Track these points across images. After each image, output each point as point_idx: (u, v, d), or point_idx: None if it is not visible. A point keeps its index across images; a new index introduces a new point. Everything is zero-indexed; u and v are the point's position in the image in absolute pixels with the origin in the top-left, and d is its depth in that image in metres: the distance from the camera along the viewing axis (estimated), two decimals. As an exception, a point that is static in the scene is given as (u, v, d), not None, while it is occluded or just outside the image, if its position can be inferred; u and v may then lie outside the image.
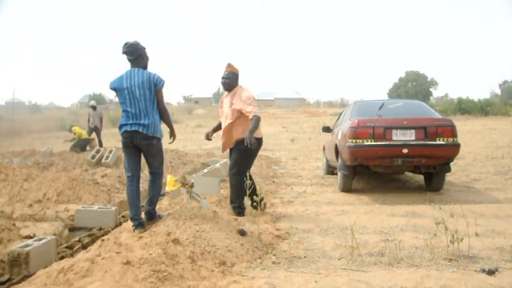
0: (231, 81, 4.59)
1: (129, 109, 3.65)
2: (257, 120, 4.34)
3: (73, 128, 12.30)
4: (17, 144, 14.41)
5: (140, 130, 3.60)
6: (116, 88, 3.71)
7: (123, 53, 3.72)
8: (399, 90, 52.93)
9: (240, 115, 4.48)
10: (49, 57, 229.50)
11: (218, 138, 4.73)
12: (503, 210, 4.75)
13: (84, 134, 12.15)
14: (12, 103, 42.70)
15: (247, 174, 4.22)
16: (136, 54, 3.71)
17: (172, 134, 4.02)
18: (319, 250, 3.47)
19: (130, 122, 3.64)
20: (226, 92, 4.69)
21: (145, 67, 3.79)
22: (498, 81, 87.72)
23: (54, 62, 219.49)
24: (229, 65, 4.65)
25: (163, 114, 3.79)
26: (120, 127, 3.71)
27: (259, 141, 4.55)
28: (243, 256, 3.18)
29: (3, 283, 3.06)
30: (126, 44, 3.71)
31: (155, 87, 3.66)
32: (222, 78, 4.62)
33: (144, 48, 3.81)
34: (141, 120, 3.61)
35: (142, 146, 3.68)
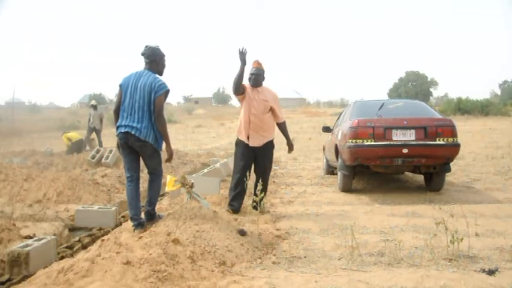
0: (259, 77, 4.71)
1: (126, 108, 3.65)
2: (286, 125, 4.99)
3: (62, 137, 12.08)
4: (17, 144, 14.39)
5: (132, 132, 3.58)
6: (122, 85, 3.73)
7: (141, 54, 3.78)
8: (399, 90, 52.88)
9: (268, 112, 4.72)
10: (49, 57, 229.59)
11: (218, 138, 4.71)
12: (503, 210, 4.75)
13: (75, 136, 12.01)
14: (12, 103, 42.62)
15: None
16: (151, 58, 3.75)
17: (167, 150, 3.78)
18: (319, 250, 3.47)
19: (124, 123, 3.63)
20: (248, 86, 4.72)
21: (158, 73, 3.79)
22: (498, 81, 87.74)
23: (54, 61, 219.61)
24: (258, 62, 4.74)
25: (157, 123, 3.62)
26: (117, 128, 3.71)
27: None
28: (243, 256, 3.18)
29: (3, 283, 3.05)
30: (146, 46, 3.77)
31: (155, 94, 3.60)
32: (252, 73, 4.67)
33: (163, 55, 3.83)
34: (134, 123, 3.58)
35: (136, 147, 3.66)
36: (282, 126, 4.92)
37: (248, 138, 4.68)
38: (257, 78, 4.68)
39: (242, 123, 4.73)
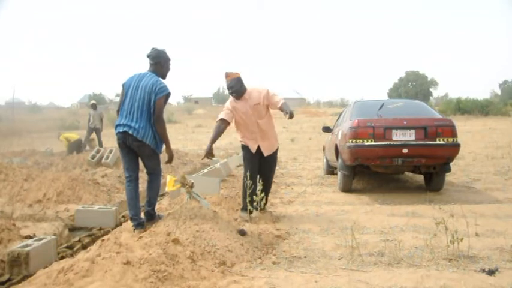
0: (237, 88, 4.43)
1: (125, 107, 3.66)
2: (287, 104, 4.47)
3: (60, 138, 12.13)
4: (17, 144, 14.39)
5: (130, 132, 3.58)
6: (124, 84, 3.74)
7: (147, 55, 3.79)
8: (399, 90, 52.86)
9: (267, 112, 4.54)
10: (49, 57, 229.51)
11: (219, 138, 4.68)
12: (503, 210, 4.75)
13: (73, 137, 12.03)
14: (12, 103, 42.70)
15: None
16: (155, 60, 3.77)
17: (167, 152, 3.78)
18: (319, 250, 3.47)
19: (122, 122, 3.63)
20: (233, 99, 4.52)
21: (162, 76, 3.79)
22: (498, 81, 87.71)
23: (55, 61, 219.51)
24: (228, 75, 4.47)
25: (156, 125, 3.62)
26: (115, 127, 3.71)
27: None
28: (243, 256, 3.18)
29: (3, 283, 3.05)
30: (153, 48, 3.79)
31: (155, 96, 3.60)
32: (228, 88, 4.46)
33: (168, 59, 3.85)
34: (132, 122, 3.59)
35: (134, 147, 3.65)
36: (283, 106, 4.40)
37: (259, 148, 4.54)
38: (234, 90, 4.42)
39: (247, 136, 4.55)
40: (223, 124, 4.49)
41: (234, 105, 4.53)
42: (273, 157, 4.71)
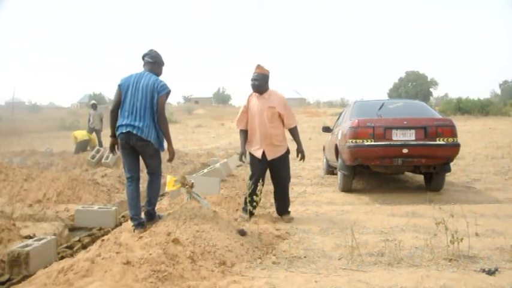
0: (260, 83, 4.40)
1: (127, 108, 3.67)
2: (298, 130, 4.69)
3: (71, 135, 12.29)
4: (17, 144, 14.39)
5: (134, 132, 3.59)
6: (122, 85, 3.73)
7: (145, 54, 3.83)
8: (399, 90, 52.83)
9: (278, 119, 4.47)
10: (49, 57, 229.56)
11: (218, 138, 4.69)
12: (503, 210, 4.75)
13: (81, 136, 12.05)
14: (12, 103, 42.70)
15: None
16: (154, 59, 3.84)
17: (169, 149, 3.82)
18: (319, 250, 3.47)
19: (125, 122, 3.64)
20: (253, 93, 4.51)
21: (157, 75, 3.84)
22: (498, 81, 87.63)
23: (54, 61, 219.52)
24: (258, 66, 4.45)
25: (159, 122, 3.67)
26: (117, 128, 3.71)
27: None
28: (243, 256, 3.18)
29: (3, 283, 3.05)
30: (151, 49, 3.86)
31: (157, 94, 3.65)
32: (252, 80, 4.43)
33: (163, 64, 3.94)
34: (135, 122, 3.60)
35: (138, 147, 3.67)
36: (293, 132, 4.62)
37: (264, 152, 4.47)
38: (255, 84, 4.42)
39: (254, 138, 4.51)
40: (244, 132, 4.61)
41: (251, 101, 4.52)
42: (281, 163, 4.56)
